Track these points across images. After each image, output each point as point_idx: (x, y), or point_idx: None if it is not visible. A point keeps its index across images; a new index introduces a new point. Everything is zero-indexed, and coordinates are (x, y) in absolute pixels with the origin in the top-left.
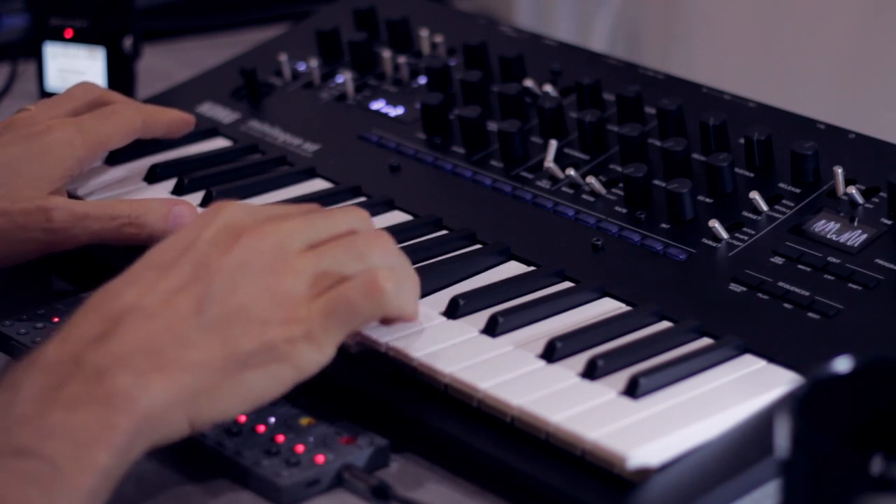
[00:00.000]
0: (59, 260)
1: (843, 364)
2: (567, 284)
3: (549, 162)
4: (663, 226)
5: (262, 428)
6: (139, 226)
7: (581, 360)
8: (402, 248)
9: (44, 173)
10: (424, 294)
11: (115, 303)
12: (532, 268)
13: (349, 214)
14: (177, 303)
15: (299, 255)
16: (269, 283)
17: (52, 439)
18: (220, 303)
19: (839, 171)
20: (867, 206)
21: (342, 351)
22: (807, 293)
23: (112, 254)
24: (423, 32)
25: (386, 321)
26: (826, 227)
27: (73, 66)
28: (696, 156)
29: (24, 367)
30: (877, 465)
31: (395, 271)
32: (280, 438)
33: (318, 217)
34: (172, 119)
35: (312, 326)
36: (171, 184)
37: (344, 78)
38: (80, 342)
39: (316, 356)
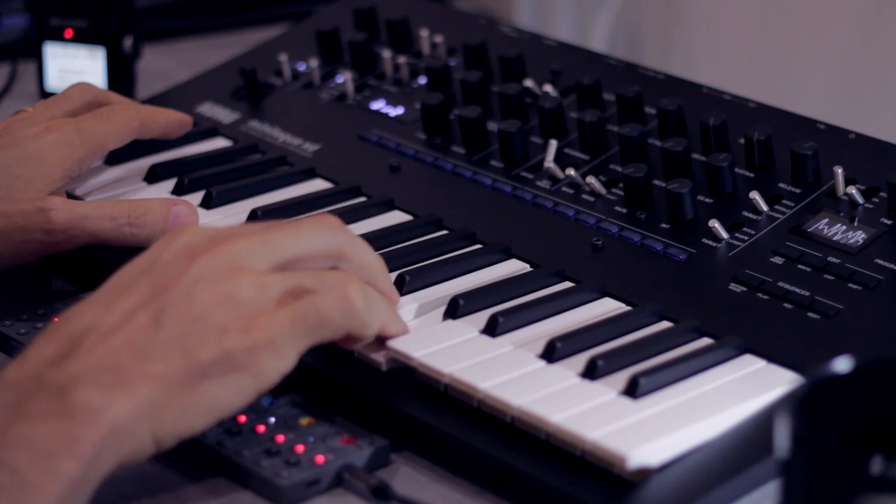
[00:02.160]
0: (59, 260)
1: (843, 364)
2: (567, 284)
3: (549, 162)
4: (663, 226)
5: (262, 428)
6: (139, 226)
7: (581, 360)
8: (403, 248)
9: (43, 174)
10: (423, 286)
11: (74, 323)
12: (532, 268)
13: (315, 229)
14: (135, 319)
15: (261, 273)
16: (226, 292)
17: (14, 450)
18: (178, 314)
19: (839, 171)
20: (867, 206)
21: (340, 351)
22: (807, 293)
23: (112, 254)
24: (423, 32)
25: (349, 340)
26: (826, 227)
27: (73, 66)
28: (696, 156)
29: None
30: (877, 465)
31: (366, 288)
32: (280, 438)
33: (278, 233)
34: (170, 119)
35: (275, 333)
36: (170, 184)
37: (344, 78)
38: (40, 362)
39: (277, 364)
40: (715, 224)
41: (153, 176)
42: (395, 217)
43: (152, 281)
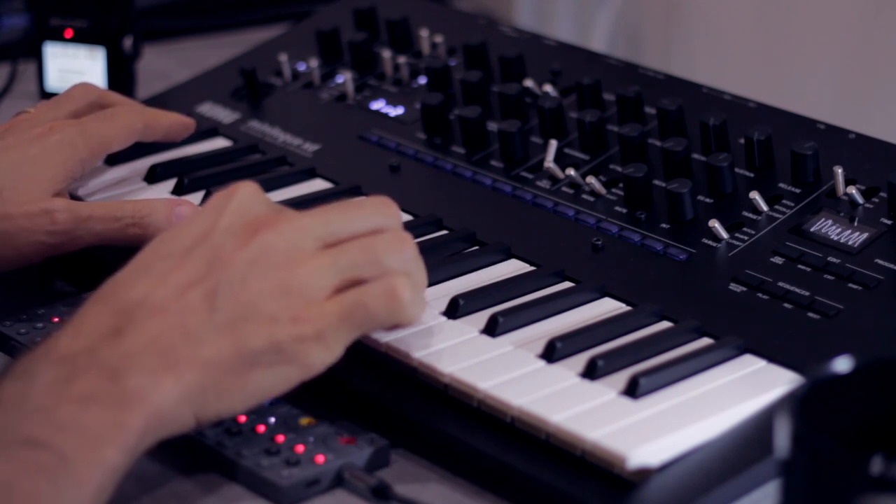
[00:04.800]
0: (63, 262)
1: (843, 364)
2: (567, 284)
3: (549, 162)
4: (663, 226)
5: (262, 428)
6: (143, 226)
7: (581, 360)
8: None
9: (46, 175)
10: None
11: (126, 295)
12: (532, 268)
13: (372, 209)
14: (188, 298)
15: (314, 253)
16: (280, 281)
17: (63, 433)
18: (232, 300)
19: (839, 171)
20: (867, 206)
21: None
22: (807, 293)
23: (115, 254)
24: (423, 32)
25: (394, 328)
26: (826, 227)
27: (73, 66)
28: (696, 156)
29: (38, 357)
30: (877, 465)
31: (411, 279)
32: (280, 438)
33: (337, 212)
34: (173, 122)
35: (324, 326)
36: (171, 184)
37: (344, 78)
38: (93, 336)
39: (324, 356)
40: (715, 224)
41: (153, 176)
42: None
43: (208, 254)
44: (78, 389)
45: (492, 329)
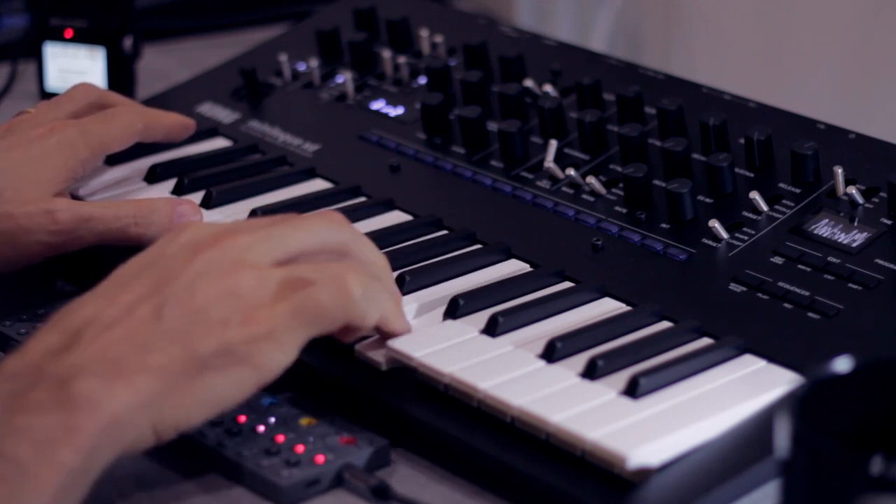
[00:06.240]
0: (64, 261)
1: (843, 364)
2: (567, 284)
3: (549, 162)
4: (663, 226)
5: (262, 428)
6: (145, 226)
7: (581, 360)
8: (403, 248)
9: (47, 176)
10: (423, 286)
11: (75, 316)
12: (532, 268)
13: (318, 224)
14: (136, 312)
15: (262, 266)
16: (227, 285)
17: (14, 440)
18: (179, 307)
19: (839, 171)
20: (867, 206)
21: (340, 351)
22: (807, 293)
23: (116, 255)
24: (423, 32)
25: (348, 332)
26: (826, 227)
27: (73, 66)
28: (696, 156)
29: None
30: (877, 465)
31: (366, 279)
32: (280, 438)
33: (282, 228)
34: (173, 123)
35: (276, 326)
36: (171, 184)
37: (344, 78)
38: (41, 353)
39: (278, 356)
40: (715, 224)
41: (153, 176)
42: (395, 217)
43: (155, 275)
44: (27, 401)
45: (492, 329)
